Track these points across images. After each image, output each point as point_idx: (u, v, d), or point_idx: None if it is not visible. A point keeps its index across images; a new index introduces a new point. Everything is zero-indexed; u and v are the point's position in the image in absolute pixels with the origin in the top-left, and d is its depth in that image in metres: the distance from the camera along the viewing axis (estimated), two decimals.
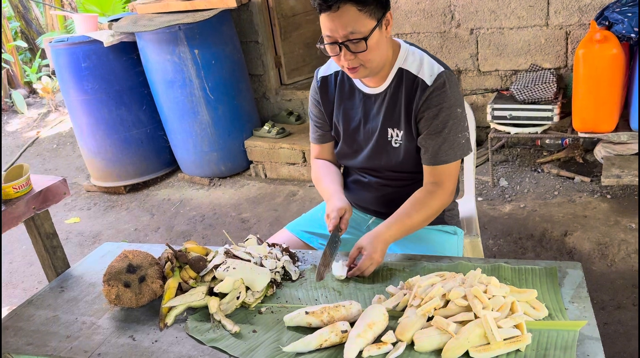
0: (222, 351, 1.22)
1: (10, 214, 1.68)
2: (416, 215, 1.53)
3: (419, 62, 1.55)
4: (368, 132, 1.64)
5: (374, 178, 1.71)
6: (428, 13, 3.51)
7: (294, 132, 3.99)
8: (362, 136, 1.66)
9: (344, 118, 1.67)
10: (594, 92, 2.77)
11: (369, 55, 1.44)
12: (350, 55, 1.44)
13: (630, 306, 2.24)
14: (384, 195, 1.71)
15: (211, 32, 3.69)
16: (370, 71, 1.50)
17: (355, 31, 1.39)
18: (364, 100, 1.63)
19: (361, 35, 1.40)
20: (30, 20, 7.34)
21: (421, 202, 1.54)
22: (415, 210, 1.53)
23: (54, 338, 1.35)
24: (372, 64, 1.47)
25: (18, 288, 3.09)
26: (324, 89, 1.69)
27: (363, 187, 1.75)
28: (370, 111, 1.62)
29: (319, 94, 1.70)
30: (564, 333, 1.14)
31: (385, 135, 1.61)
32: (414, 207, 1.54)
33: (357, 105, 1.64)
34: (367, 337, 1.16)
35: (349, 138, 1.69)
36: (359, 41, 1.41)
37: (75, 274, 1.64)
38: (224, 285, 1.35)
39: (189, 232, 3.42)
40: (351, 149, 1.70)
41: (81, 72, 3.78)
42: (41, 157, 5.19)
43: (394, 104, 1.57)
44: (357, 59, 1.44)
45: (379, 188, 1.71)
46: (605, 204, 2.93)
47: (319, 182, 1.74)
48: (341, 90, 1.66)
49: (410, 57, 1.56)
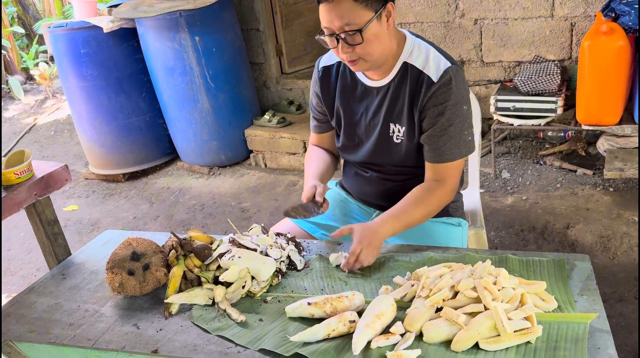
0: (228, 340, 1.21)
1: (11, 200, 1.65)
2: (414, 212, 1.49)
3: (425, 56, 1.50)
4: (369, 126, 1.61)
5: (375, 173, 1.69)
6: (432, 2, 3.48)
7: (294, 122, 3.97)
8: (363, 130, 1.63)
9: (345, 110, 1.64)
10: (599, 84, 2.75)
11: (367, 47, 1.40)
12: (347, 48, 1.40)
13: (632, 299, 2.24)
14: (386, 189, 1.69)
15: (212, 19, 3.64)
16: (371, 64, 1.46)
17: (350, 22, 1.36)
18: (365, 93, 1.59)
19: (356, 27, 1.36)
20: (27, 5, 7.26)
21: (420, 198, 1.51)
22: (413, 206, 1.50)
23: (57, 326, 1.34)
24: (371, 56, 1.43)
25: (16, 275, 3.07)
26: (325, 80, 1.66)
27: (364, 181, 1.73)
28: (372, 104, 1.59)
29: (319, 85, 1.67)
30: (574, 326, 1.13)
31: (387, 131, 1.58)
32: (411, 204, 1.50)
33: (358, 98, 1.61)
34: (375, 328, 1.14)
35: (350, 131, 1.66)
36: (354, 33, 1.37)
37: (76, 262, 1.62)
38: (229, 274, 1.33)
39: (189, 220, 3.40)
40: (352, 143, 1.67)
41: (80, 58, 3.74)
42: (38, 144, 5.15)
43: (397, 98, 1.54)
44: (354, 51, 1.40)
45: (380, 183, 1.69)
46: (608, 197, 2.92)
47: (305, 167, 1.76)
48: (343, 82, 1.63)
49: (415, 51, 1.52)
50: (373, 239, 1.41)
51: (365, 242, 1.40)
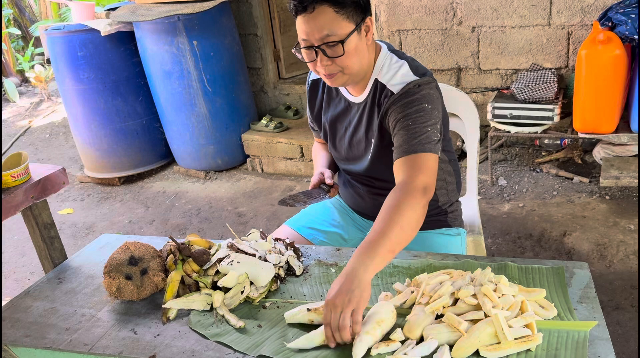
0: (226, 346, 1.19)
1: (8, 203, 1.64)
2: (393, 232, 1.21)
3: (394, 72, 1.46)
4: (353, 141, 1.60)
5: (366, 187, 1.68)
6: (430, 10, 3.49)
7: (291, 127, 3.97)
8: (347, 144, 1.62)
9: (330, 125, 1.65)
10: (596, 92, 2.77)
11: (347, 60, 1.37)
12: (327, 61, 1.37)
13: (628, 307, 2.24)
14: (379, 203, 1.66)
15: (210, 23, 3.64)
16: (349, 78, 1.42)
17: (331, 33, 1.33)
18: (348, 108, 1.59)
19: (337, 38, 1.34)
20: (23, 7, 7.24)
21: (392, 210, 1.25)
22: (390, 224, 1.22)
23: (53, 331, 1.32)
24: (350, 70, 1.40)
25: (10, 279, 3.04)
26: (313, 93, 1.67)
27: (359, 195, 1.73)
28: (353, 120, 1.58)
29: (308, 98, 1.69)
30: (574, 334, 1.12)
31: (369, 146, 1.56)
32: (385, 222, 1.24)
33: (342, 113, 1.61)
34: (375, 334, 1.14)
35: (337, 145, 1.66)
36: (335, 44, 1.34)
37: (73, 265, 1.61)
38: (228, 279, 1.32)
39: (184, 225, 3.39)
40: (341, 156, 1.68)
41: (77, 61, 3.73)
42: (33, 147, 5.12)
43: (371, 115, 1.52)
44: (334, 64, 1.38)
45: (372, 198, 1.68)
46: (604, 205, 2.93)
47: (314, 159, 1.79)
48: (329, 96, 1.63)
49: (385, 67, 1.48)
50: (344, 293, 1.12)
51: (337, 301, 1.11)
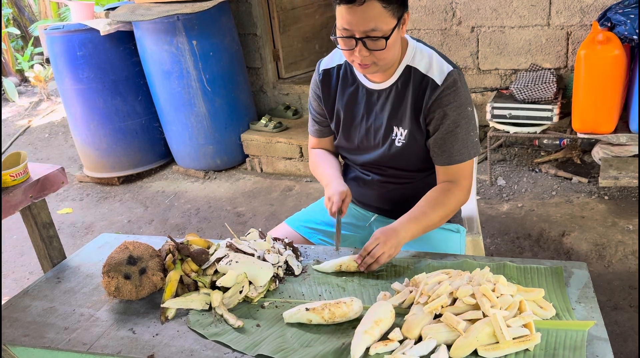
0: (225, 345, 1.20)
1: (7, 203, 1.64)
2: (433, 214, 1.48)
3: (428, 60, 1.52)
4: (371, 129, 1.61)
5: (376, 175, 1.69)
6: (429, 10, 3.49)
7: (291, 127, 3.96)
8: (363, 132, 1.63)
9: (345, 113, 1.64)
10: (595, 93, 2.77)
11: (385, 53, 1.41)
12: (365, 52, 1.40)
13: (627, 307, 2.25)
14: (387, 192, 1.69)
15: (210, 23, 3.64)
16: (381, 68, 1.47)
17: (377, 28, 1.36)
18: (367, 96, 1.60)
19: (382, 34, 1.37)
20: (22, 7, 7.24)
21: (437, 200, 1.50)
22: (432, 208, 1.49)
23: (51, 330, 1.32)
24: (385, 62, 1.44)
25: (9, 278, 3.04)
26: (326, 82, 1.66)
27: (365, 184, 1.72)
28: (374, 107, 1.59)
29: (320, 88, 1.67)
30: (573, 333, 1.13)
31: (389, 133, 1.58)
32: (430, 206, 1.49)
33: (359, 101, 1.61)
34: (374, 334, 1.14)
35: (350, 133, 1.66)
36: (378, 39, 1.37)
37: (72, 265, 1.61)
38: (226, 278, 1.32)
39: (183, 225, 3.39)
40: (352, 145, 1.67)
41: (76, 60, 3.72)
42: (33, 146, 5.12)
43: (400, 101, 1.55)
44: (372, 56, 1.41)
45: (381, 186, 1.69)
46: (603, 205, 2.94)
47: (317, 167, 1.73)
48: (344, 84, 1.63)
49: (418, 55, 1.53)
50: (390, 237, 1.39)
51: (382, 238, 1.39)
